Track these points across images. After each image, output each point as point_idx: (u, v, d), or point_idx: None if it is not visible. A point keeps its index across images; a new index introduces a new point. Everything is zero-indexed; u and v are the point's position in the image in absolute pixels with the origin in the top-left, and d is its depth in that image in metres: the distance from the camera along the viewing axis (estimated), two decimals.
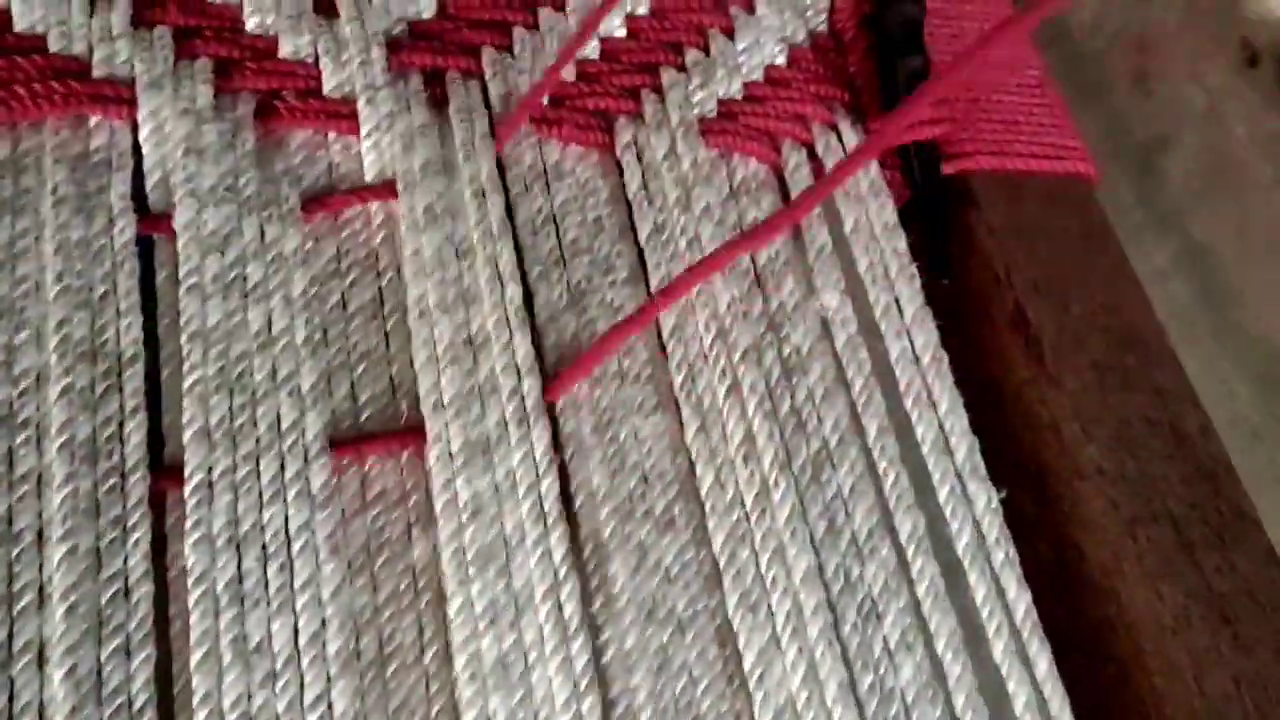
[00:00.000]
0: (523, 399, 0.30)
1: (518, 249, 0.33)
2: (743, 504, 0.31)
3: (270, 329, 0.29)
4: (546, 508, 0.28)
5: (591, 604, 0.28)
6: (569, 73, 0.36)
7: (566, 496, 0.30)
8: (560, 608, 0.27)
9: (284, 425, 0.28)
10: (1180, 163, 1.20)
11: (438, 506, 0.28)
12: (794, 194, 0.36)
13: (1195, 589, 0.33)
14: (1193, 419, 0.36)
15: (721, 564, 0.30)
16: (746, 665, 0.28)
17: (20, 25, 0.31)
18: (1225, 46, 1.21)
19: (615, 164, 0.35)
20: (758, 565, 0.30)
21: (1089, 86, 1.30)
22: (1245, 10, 1.20)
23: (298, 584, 0.26)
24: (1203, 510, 0.34)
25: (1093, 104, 1.30)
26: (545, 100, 0.35)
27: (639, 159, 0.35)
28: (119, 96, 0.31)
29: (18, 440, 0.26)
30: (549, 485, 0.29)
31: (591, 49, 0.37)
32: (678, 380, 0.32)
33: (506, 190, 0.33)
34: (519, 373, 0.30)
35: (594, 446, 0.30)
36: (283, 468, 0.27)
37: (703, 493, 0.31)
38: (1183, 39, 1.22)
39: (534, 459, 0.29)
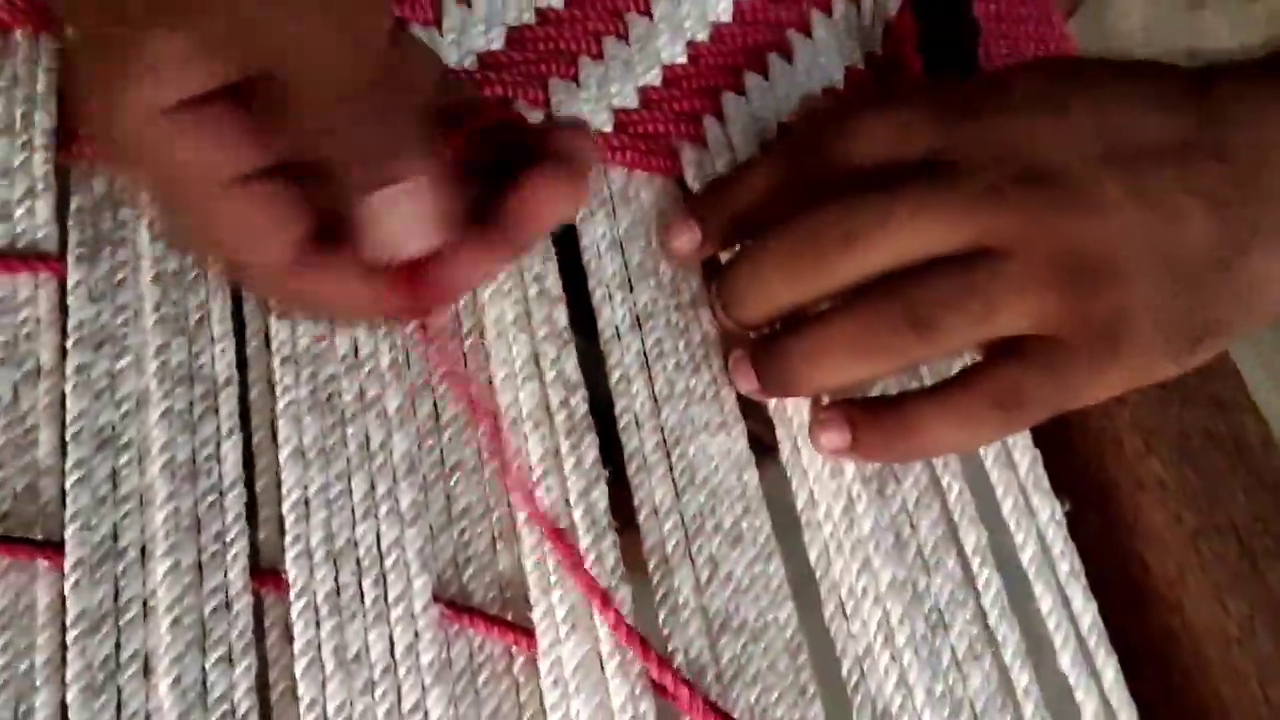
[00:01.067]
0: (571, 413, 0.31)
1: (581, 272, 0.34)
2: (832, 518, 0.32)
3: (356, 353, 0.30)
4: (596, 519, 0.29)
5: (658, 613, 0.29)
6: (631, 99, 0.37)
7: (630, 511, 0.31)
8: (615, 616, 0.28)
9: (372, 445, 0.29)
10: None
11: (520, 520, 0.29)
12: None
13: (1259, 599, 0.33)
14: (1254, 431, 0.36)
15: (818, 575, 0.31)
16: (844, 670, 0.29)
17: None
18: None
19: (679, 187, 0.36)
20: (849, 576, 0.31)
21: None
22: None
23: (391, 596, 0.27)
24: (1265, 521, 0.34)
25: None
26: (609, 127, 0.36)
27: (706, 180, 0.36)
28: None
29: (121, 461, 0.28)
30: (596, 498, 0.30)
31: (653, 75, 0.38)
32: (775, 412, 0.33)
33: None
34: (567, 388, 0.31)
35: (658, 462, 0.31)
36: (373, 487, 0.28)
37: (798, 508, 0.32)
38: (1234, 48, 1.21)
39: (584, 471, 0.30)
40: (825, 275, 0.30)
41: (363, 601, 0.27)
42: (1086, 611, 0.32)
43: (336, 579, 0.27)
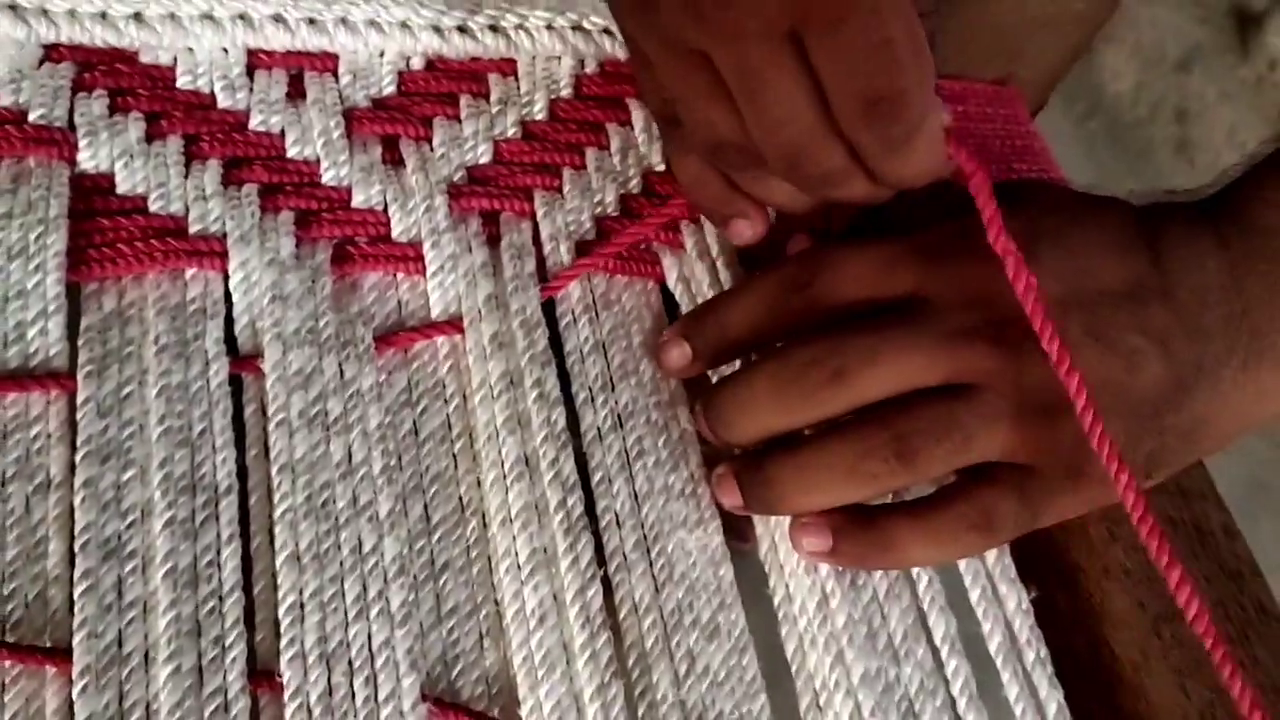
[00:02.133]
0: (568, 514, 0.32)
1: (565, 375, 0.35)
2: (806, 611, 0.33)
3: (350, 460, 0.32)
4: (591, 616, 0.31)
5: (637, 709, 0.31)
6: (613, 206, 0.39)
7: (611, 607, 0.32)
8: (606, 712, 0.30)
9: (364, 549, 0.31)
10: None
11: (507, 617, 0.31)
12: None
13: (1220, 685, 0.34)
14: (1215, 518, 0.37)
15: (793, 669, 0.33)
16: None
17: (123, 188, 0.35)
18: (1264, 115, 1.22)
19: (659, 290, 0.38)
20: (822, 669, 0.32)
21: (1131, 156, 1.32)
22: None
23: (381, 696, 0.29)
24: (1226, 608, 0.36)
25: (1136, 173, 1.31)
26: (592, 235, 0.38)
27: (688, 287, 0.38)
28: (212, 250, 0.34)
29: (126, 569, 0.29)
30: (592, 596, 0.31)
31: (634, 184, 0.40)
32: None
33: (556, 321, 0.36)
34: (564, 489, 0.33)
35: (638, 560, 0.32)
36: (365, 590, 0.30)
37: (775, 602, 0.33)
38: (1222, 108, 1.24)
39: (580, 570, 0.32)
40: (815, 407, 0.32)
41: (354, 700, 0.29)
42: (1052, 700, 0.33)
43: (329, 679, 0.29)
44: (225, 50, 0.38)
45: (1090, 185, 0.37)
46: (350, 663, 0.29)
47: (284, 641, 0.29)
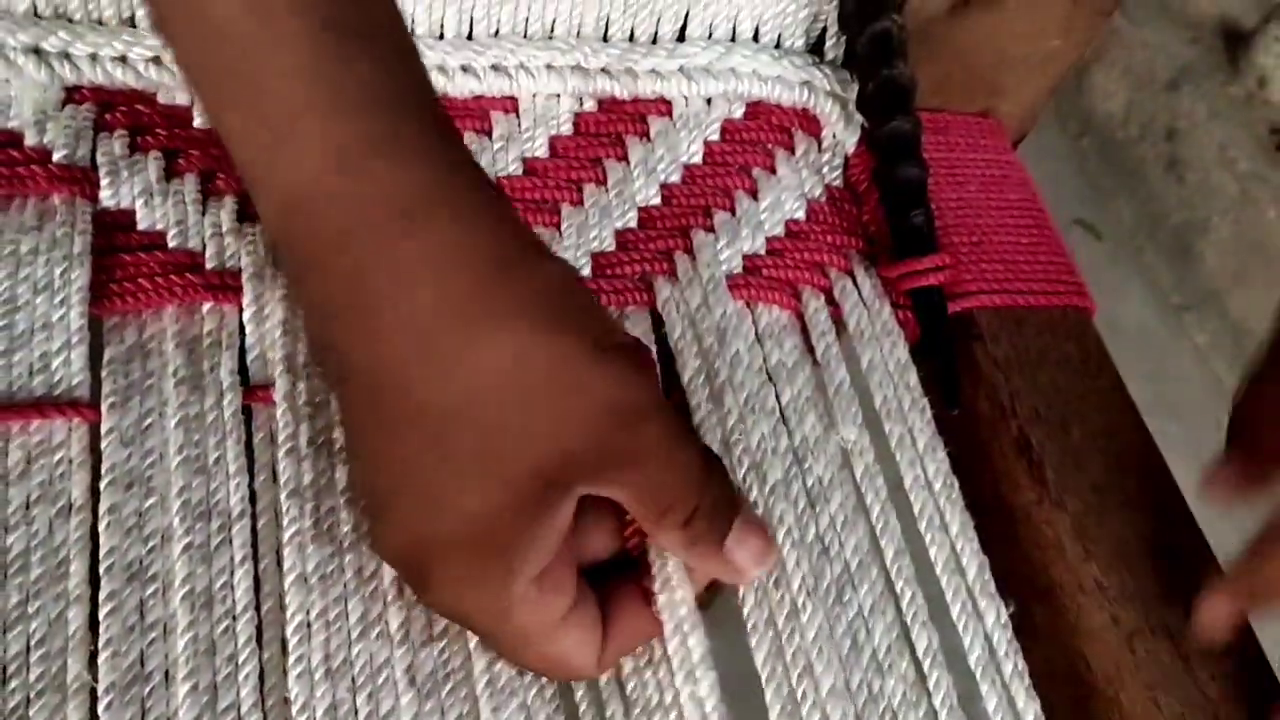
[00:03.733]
0: None
1: None
2: (776, 625, 0.35)
3: (354, 485, 0.33)
4: None
5: None
6: (609, 243, 0.40)
7: None
8: None
9: (366, 573, 0.32)
10: (1215, 245, 1.23)
11: None
12: (814, 338, 0.40)
13: (1191, 698, 0.36)
14: (1187, 536, 0.39)
15: (763, 679, 0.34)
16: None
17: (143, 225, 0.37)
18: (1253, 133, 1.24)
19: (655, 317, 0.40)
20: (789, 681, 0.34)
21: (1123, 175, 1.34)
22: (1273, 97, 1.23)
23: (383, 712, 0.30)
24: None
25: (1127, 191, 1.33)
26: (588, 270, 0.40)
27: (678, 312, 0.40)
28: (227, 285, 0.36)
29: (148, 592, 0.31)
30: None
31: (630, 217, 0.41)
32: None
33: None
34: None
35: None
36: (366, 611, 0.32)
37: (744, 614, 0.35)
38: (1211, 127, 1.25)
39: None
40: None
41: (356, 715, 0.30)
42: (1029, 710, 0.34)
43: (334, 696, 0.30)
44: None
45: (1084, 201, 0.38)
46: (354, 680, 0.31)
47: (292, 659, 0.31)
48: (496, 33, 0.42)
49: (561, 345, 0.28)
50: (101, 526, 0.31)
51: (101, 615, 0.30)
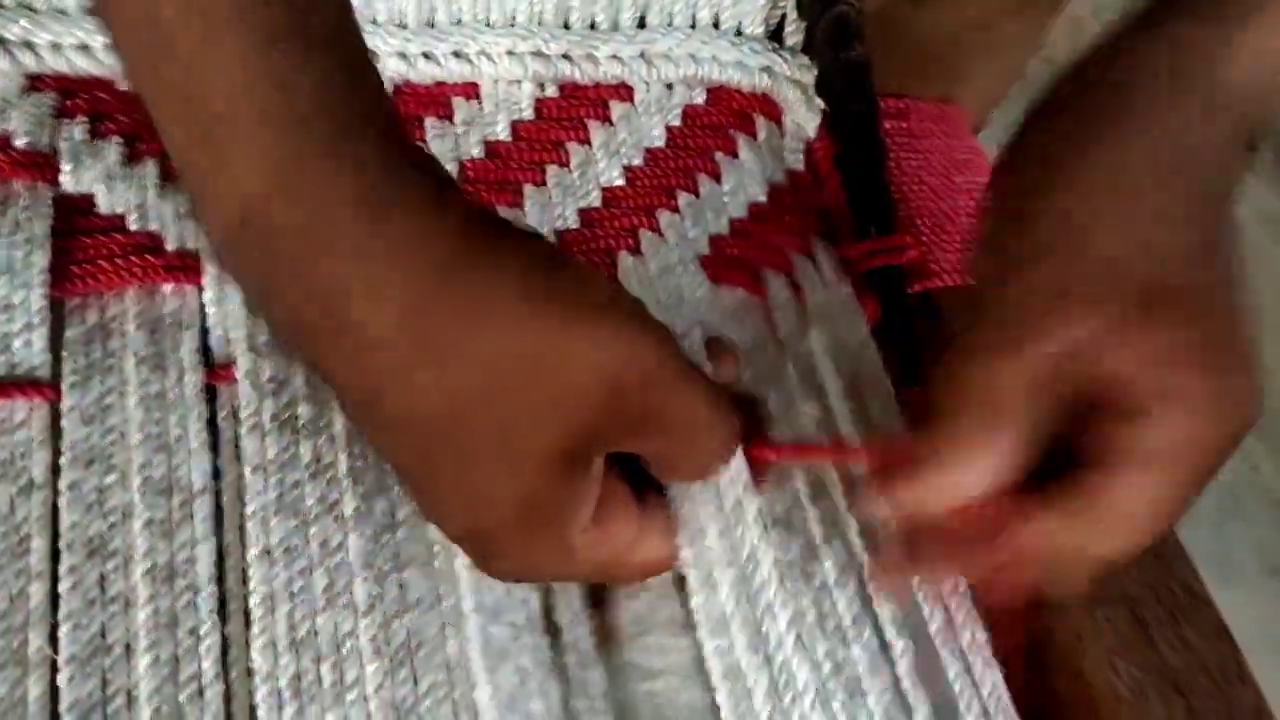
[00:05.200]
0: None
1: None
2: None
3: (319, 460, 0.34)
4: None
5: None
6: (573, 220, 0.41)
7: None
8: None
9: (331, 545, 0.32)
10: None
11: (467, 608, 0.33)
12: (777, 318, 0.41)
13: (1151, 664, 0.36)
14: None
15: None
16: None
17: (103, 208, 0.37)
18: None
19: None
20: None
21: None
22: None
23: (347, 681, 0.30)
24: (1156, 590, 0.37)
25: None
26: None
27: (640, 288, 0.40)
28: (188, 266, 0.36)
29: (109, 566, 0.31)
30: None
31: (594, 197, 0.42)
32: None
33: None
34: None
35: None
36: (331, 583, 0.32)
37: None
38: None
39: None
40: None
41: (320, 686, 0.30)
42: (988, 678, 0.35)
43: (298, 666, 0.30)
44: None
45: None
46: (318, 651, 0.31)
47: (254, 630, 0.31)
48: (459, 20, 0.43)
49: (550, 320, 0.28)
50: (62, 503, 0.31)
51: (62, 589, 0.30)
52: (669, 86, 0.45)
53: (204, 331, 0.36)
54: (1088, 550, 0.31)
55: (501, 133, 0.42)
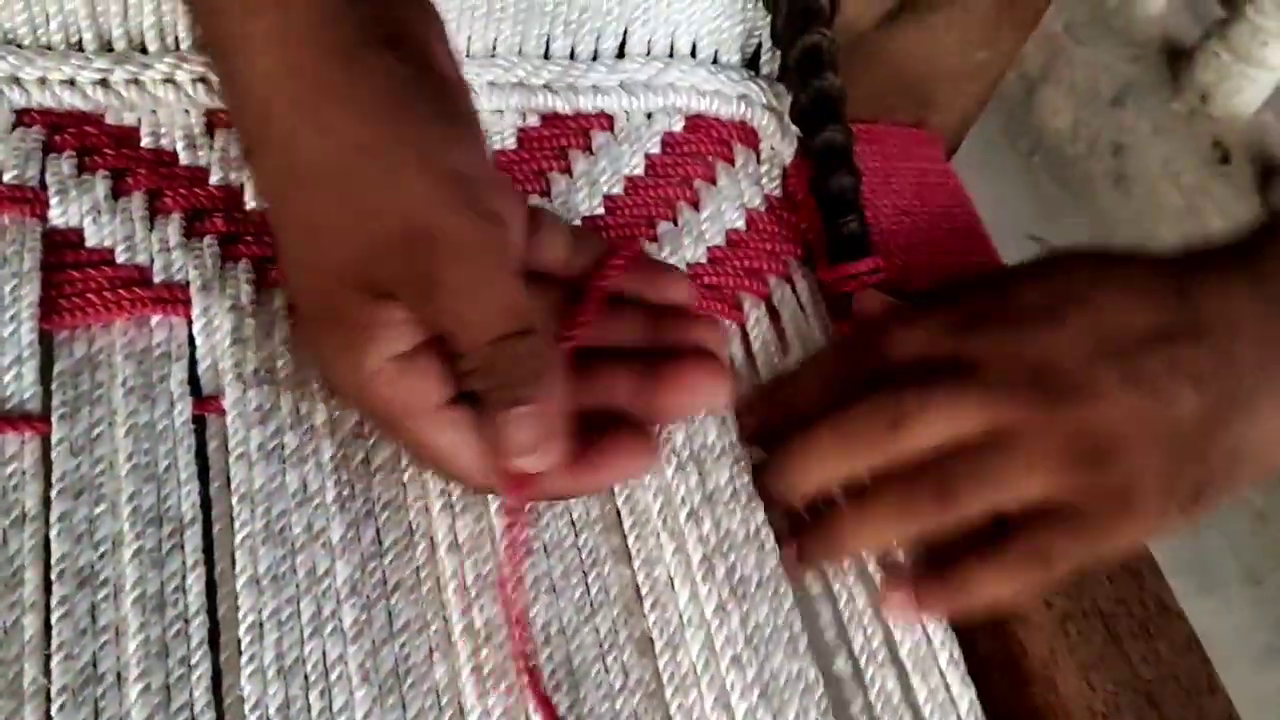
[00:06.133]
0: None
1: None
2: (705, 618, 0.36)
3: (306, 489, 0.34)
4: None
5: None
6: None
7: None
8: None
9: (318, 572, 0.33)
10: None
11: (455, 633, 0.33)
12: (754, 345, 0.42)
13: (1124, 677, 0.37)
14: None
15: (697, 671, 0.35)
16: None
17: (91, 241, 0.38)
18: (1198, 147, 1.28)
19: None
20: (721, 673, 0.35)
21: (1072, 190, 1.37)
22: (1214, 111, 1.27)
23: (335, 708, 0.31)
24: (1128, 604, 0.38)
25: (1077, 206, 1.36)
26: None
27: None
28: (176, 298, 0.37)
29: (99, 596, 0.31)
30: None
31: (575, 224, 0.42)
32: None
33: None
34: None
35: (565, 587, 0.35)
36: (319, 608, 0.32)
37: (680, 606, 0.36)
38: (1156, 142, 1.29)
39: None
40: (874, 452, 0.36)
41: (309, 713, 0.31)
42: (964, 697, 0.35)
43: (286, 693, 0.31)
44: (186, 111, 0.41)
45: (1036, 217, 0.40)
46: (306, 677, 0.31)
47: (244, 658, 0.31)
48: None
49: (387, 147, 0.31)
50: (52, 534, 0.32)
51: (53, 619, 0.31)
52: (649, 115, 0.46)
53: (192, 363, 0.36)
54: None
55: None
